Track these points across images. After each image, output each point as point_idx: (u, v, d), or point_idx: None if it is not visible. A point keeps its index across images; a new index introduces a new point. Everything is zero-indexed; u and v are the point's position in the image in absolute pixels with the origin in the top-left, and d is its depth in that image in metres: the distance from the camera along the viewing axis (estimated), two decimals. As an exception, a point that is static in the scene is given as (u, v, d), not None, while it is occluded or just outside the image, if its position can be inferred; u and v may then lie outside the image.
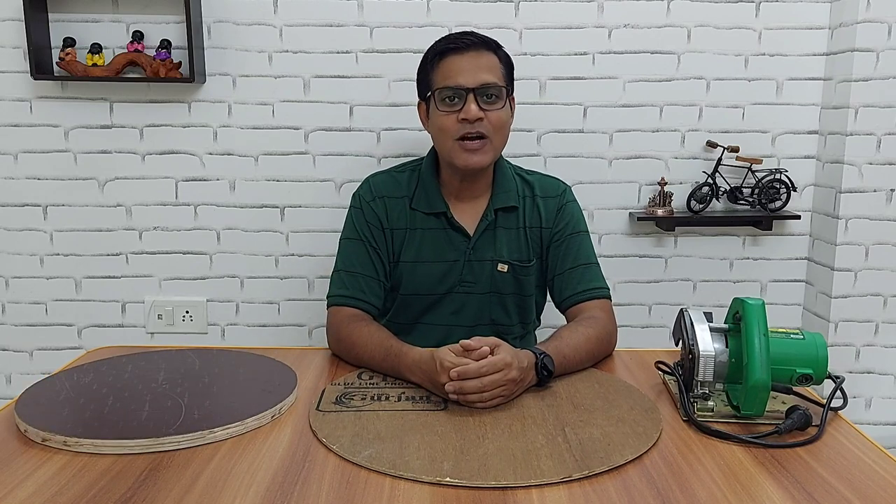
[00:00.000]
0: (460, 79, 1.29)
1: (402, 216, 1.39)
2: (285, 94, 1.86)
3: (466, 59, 1.31)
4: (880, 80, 1.78)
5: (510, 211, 1.39)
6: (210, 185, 1.90)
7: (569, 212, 1.43)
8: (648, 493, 0.81)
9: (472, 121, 1.29)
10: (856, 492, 0.81)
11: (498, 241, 1.38)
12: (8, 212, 1.90)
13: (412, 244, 1.39)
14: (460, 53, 1.31)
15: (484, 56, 1.32)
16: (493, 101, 1.31)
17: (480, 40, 1.33)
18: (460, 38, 1.33)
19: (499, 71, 1.33)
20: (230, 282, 1.94)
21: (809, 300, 1.96)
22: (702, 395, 1.01)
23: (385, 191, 1.41)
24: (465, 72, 1.30)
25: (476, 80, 1.29)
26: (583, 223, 1.44)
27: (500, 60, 1.35)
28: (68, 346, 1.95)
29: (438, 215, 1.38)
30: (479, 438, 0.93)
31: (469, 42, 1.32)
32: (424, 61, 1.38)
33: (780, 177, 1.86)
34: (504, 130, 1.34)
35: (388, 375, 1.18)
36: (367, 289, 1.36)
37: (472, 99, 1.29)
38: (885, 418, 1.93)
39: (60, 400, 1.04)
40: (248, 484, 0.82)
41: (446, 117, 1.31)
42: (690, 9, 1.84)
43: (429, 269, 1.39)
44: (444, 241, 1.38)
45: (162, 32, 1.82)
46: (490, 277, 1.38)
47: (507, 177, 1.41)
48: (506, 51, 1.39)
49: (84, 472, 0.85)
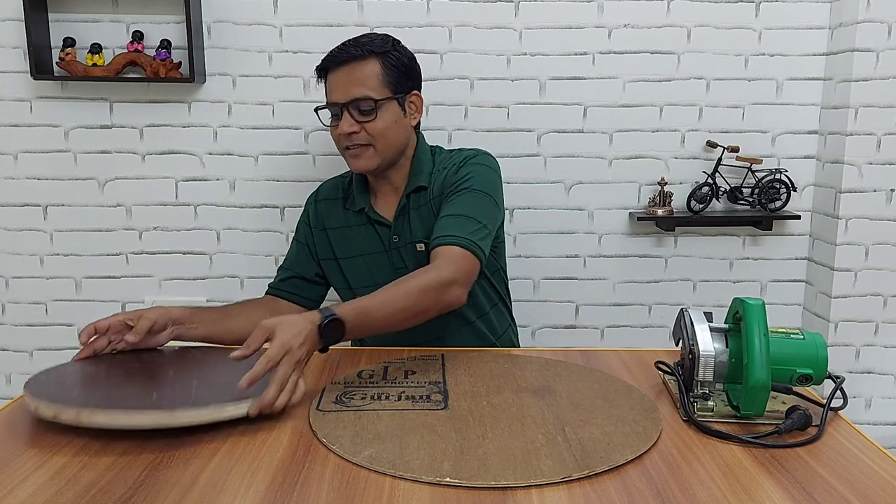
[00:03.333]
0: (334, 95, 1.38)
1: (339, 216, 1.50)
2: (285, 94, 1.86)
3: (340, 74, 1.37)
4: (880, 80, 1.78)
5: (420, 191, 1.44)
6: (210, 185, 1.90)
7: (465, 171, 1.39)
8: (648, 493, 0.80)
9: (346, 134, 1.37)
10: (856, 492, 0.81)
11: (413, 223, 1.43)
12: (8, 212, 1.90)
13: (348, 242, 1.48)
14: (336, 69, 1.38)
15: (359, 68, 1.35)
16: (368, 113, 1.36)
17: (358, 52, 1.35)
18: (338, 54, 1.38)
19: (376, 80, 1.35)
20: (230, 282, 1.94)
21: (809, 300, 1.96)
22: (702, 395, 1.01)
23: (327, 194, 1.54)
24: (338, 88, 1.37)
25: (347, 96, 1.36)
26: (478, 182, 1.37)
27: (384, 66, 1.36)
28: (68, 346, 1.95)
29: (361, 212, 1.47)
30: (479, 438, 0.93)
31: (345, 57, 1.36)
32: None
33: (780, 177, 1.86)
34: (386, 136, 1.38)
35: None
36: (290, 284, 1.50)
37: (346, 115, 1.36)
38: (885, 418, 1.93)
39: (69, 383, 1.05)
40: (248, 484, 0.82)
41: (333, 130, 1.41)
42: (690, 9, 1.84)
43: (365, 263, 1.47)
44: (372, 234, 1.46)
45: (162, 32, 1.82)
46: (416, 260, 1.42)
47: (422, 161, 1.45)
48: (397, 52, 1.39)
49: (84, 472, 0.85)
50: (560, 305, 1.97)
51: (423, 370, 1.18)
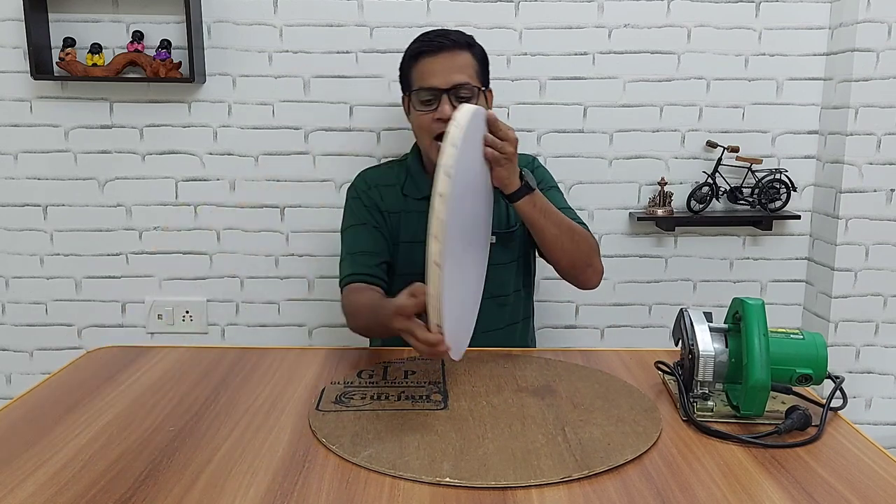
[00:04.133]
0: (434, 80, 1.36)
1: (397, 202, 1.47)
2: (285, 94, 1.86)
3: (440, 60, 1.38)
4: (880, 80, 1.78)
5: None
6: (210, 185, 1.90)
7: (541, 173, 1.52)
8: (648, 493, 0.81)
9: (446, 120, 1.34)
10: (855, 492, 0.81)
11: None
12: (8, 212, 1.90)
13: (409, 226, 1.46)
14: (433, 55, 1.38)
15: (457, 56, 1.39)
16: (467, 101, 1.36)
17: (453, 41, 1.39)
18: (434, 40, 1.39)
19: (472, 69, 1.40)
20: (230, 282, 1.94)
21: (809, 300, 1.96)
22: (701, 395, 1.01)
23: (378, 180, 1.50)
24: (438, 73, 1.37)
25: (448, 82, 1.36)
26: (554, 181, 1.54)
27: (475, 57, 1.42)
28: (68, 346, 1.95)
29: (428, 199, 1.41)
30: (478, 438, 0.93)
31: (442, 44, 1.38)
32: (403, 58, 1.45)
33: (780, 177, 1.86)
34: None
35: (382, 334, 1.29)
36: (371, 263, 1.42)
37: (445, 100, 1.35)
38: (885, 418, 1.93)
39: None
40: (248, 484, 0.82)
41: (423, 116, 1.38)
42: (690, 9, 1.84)
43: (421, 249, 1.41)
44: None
45: (162, 32, 1.82)
46: None
47: None
48: (480, 46, 1.45)
49: (84, 471, 0.85)
50: (560, 305, 1.97)
51: (422, 370, 1.18)
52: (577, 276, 1.41)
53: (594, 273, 1.42)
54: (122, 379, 1.16)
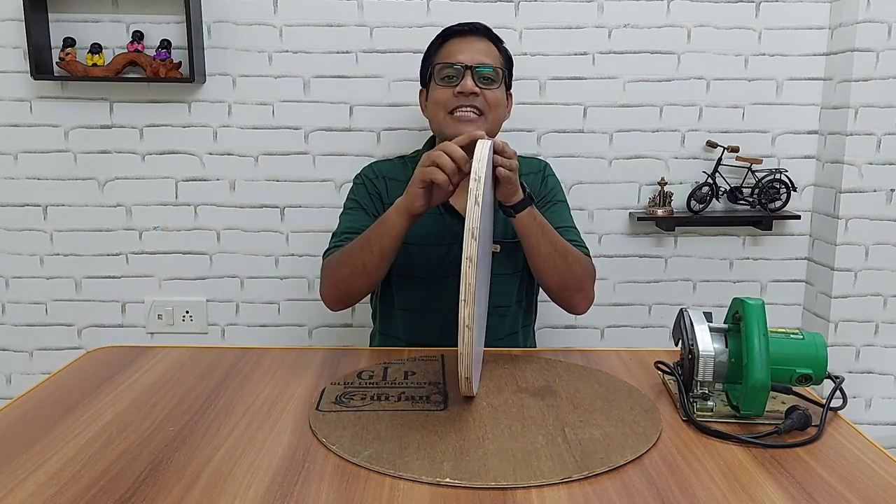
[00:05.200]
0: (459, 56, 1.37)
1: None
2: (285, 94, 1.86)
3: (467, 41, 1.39)
4: (880, 80, 1.78)
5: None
6: (210, 185, 1.90)
7: (551, 183, 1.50)
8: (648, 493, 0.81)
9: (466, 94, 1.34)
10: (855, 492, 0.81)
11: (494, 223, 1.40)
12: (8, 212, 1.90)
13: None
14: (462, 36, 1.40)
15: (484, 42, 1.41)
16: (490, 82, 1.37)
17: (484, 29, 1.42)
18: (466, 24, 1.41)
19: (498, 59, 1.42)
20: (230, 282, 1.94)
21: (809, 300, 1.96)
22: (701, 395, 1.01)
23: (387, 173, 1.48)
24: (464, 51, 1.38)
25: (474, 60, 1.36)
26: (562, 194, 1.51)
27: (501, 53, 1.43)
28: (68, 346, 1.95)
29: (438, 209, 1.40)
30: (478, 439, 0.93)
31: (473, 28, 1.41)
32: (429, 47, 1.46)
33: (780, 177, 1.86)
34: (499, 111, 1.39)
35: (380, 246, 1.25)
36: None
37: (468, 75, 1.35)
38: (885, 418, 1.93)
39: None
40: (248, 484, 0.82)
41: (443, 90, 1.37)
42: (690, 9, 1.84)
43: (427, 252, 1.41)
44: (441, 225, 1.41)
45: (162, 32, 1.82)
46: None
47: None
48: (507, 48, 1.46)
49: (84, 471, 0.85)
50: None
51: (422, 371, 1.18)
52: (567, 299, 1.36)
53: (584, 299, 1.36)
54: (121, 379, 1.16)
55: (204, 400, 1.07)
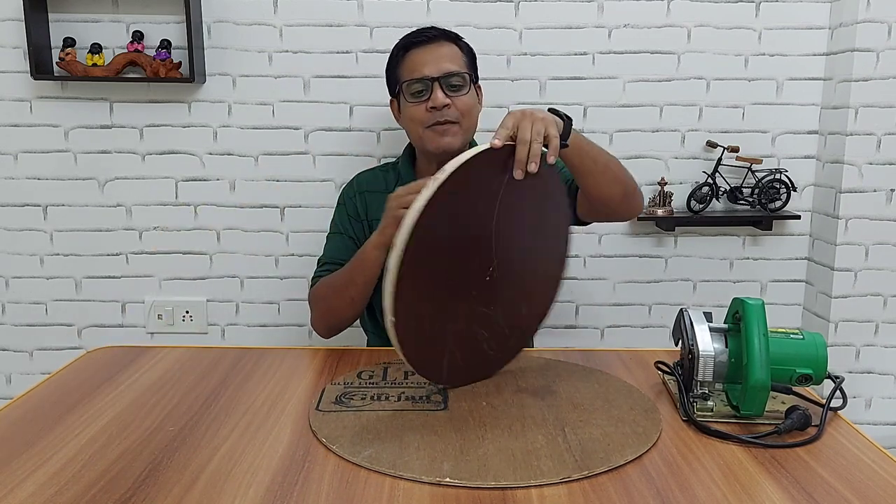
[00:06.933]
0: (425, 70, 1.37)
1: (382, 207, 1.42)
2: (285, 94, 1.86)
3: (428, 51, 1.39)
4: (880, 80, 1.78)
5: None
6: (210, 185, 1.90)
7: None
8: (648, 493, 0.81)
9: (439, 108, 1.36)
10: (855, 492, 0.81)
11: None
12: (8, 212, 1.90)
13: None
14: (422, 47, 1.40)
15: (445, 47, 1.41)
16: (458, 89, 1.38)
17: (440, 33, 1.42)
18: (421, 33, 1.41)
19: (461, 60, 1.41)
20: (230, 282, 1.94)
21: (809, 300, 1.96)
22: (701, 395, 1.01)
23: (367, 186, 1.52)
24: (428, 63, 1.38)
25: (439, 70, 1.37)
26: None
27: (462, 51, 1.44)
28: (68, 346, 1.95)
29: None
30: (478, 439, 0.93)
31: (429, 35, 1.41)
32: (390, 58, 1.46)
33: (780, 177, 1.86)
34: (472, 114, 1.41)
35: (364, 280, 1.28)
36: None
37: (437, 87, 1.36)
38: (885, 418, 1.93)
39: None
40: (248, 484, 0.82)
41: (416, 107, 1.38)
42: (690, 9, 1.84)
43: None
44: None
45: (162, 32, 1.82)
46: None
47: None
48: (467, 42, 1.46)
49: (84, 471, 0.85)
50: (560, 305, 1.97)
51: (422, 370, 1.18)
52: (630, 203, 1.31)
53: (641, 196, 1.36)
54: (121, 379, 1.16)
55: (204, 400, 1.07)
